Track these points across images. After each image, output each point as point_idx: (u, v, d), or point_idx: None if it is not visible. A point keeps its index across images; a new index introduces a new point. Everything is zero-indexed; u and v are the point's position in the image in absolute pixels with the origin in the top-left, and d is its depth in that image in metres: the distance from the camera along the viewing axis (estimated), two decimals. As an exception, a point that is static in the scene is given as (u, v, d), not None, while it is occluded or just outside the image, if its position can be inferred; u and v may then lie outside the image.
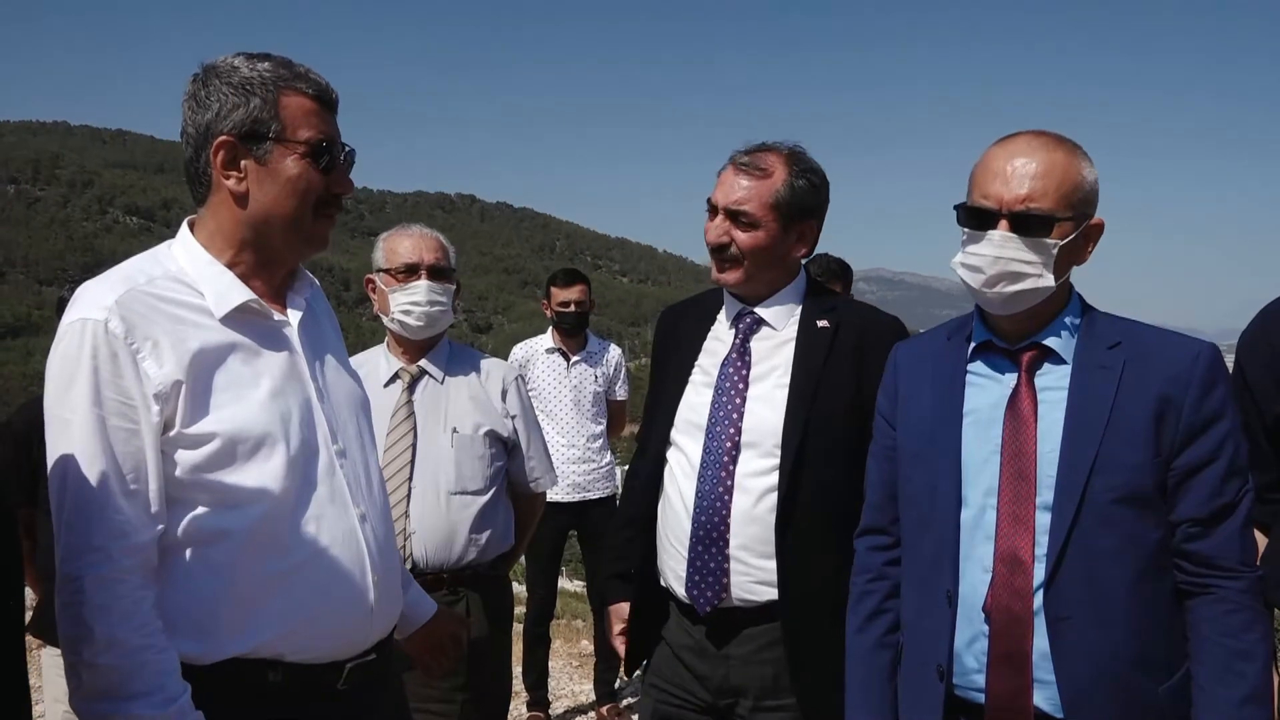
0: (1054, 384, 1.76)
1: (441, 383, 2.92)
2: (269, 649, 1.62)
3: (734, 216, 2.21)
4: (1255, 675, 1.66)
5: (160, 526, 1.57)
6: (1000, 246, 1.71)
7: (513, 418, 3.00)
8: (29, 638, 3.30)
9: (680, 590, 2.26)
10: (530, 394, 4.87)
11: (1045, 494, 1.71)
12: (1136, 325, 1.80)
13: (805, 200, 2.23)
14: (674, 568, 2.27)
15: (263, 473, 1.62)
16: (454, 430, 2.86)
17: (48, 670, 3.29)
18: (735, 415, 2.23)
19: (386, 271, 2.88)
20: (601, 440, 5.00)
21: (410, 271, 2.85)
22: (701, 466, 2.23)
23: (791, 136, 2.30)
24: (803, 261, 2.35)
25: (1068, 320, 1.79)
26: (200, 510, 1.59)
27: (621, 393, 5.15)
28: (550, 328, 5.04)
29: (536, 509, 3.23)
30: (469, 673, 2.81)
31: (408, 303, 2.83)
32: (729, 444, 2.21)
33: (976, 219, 1.74)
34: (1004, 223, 1.71)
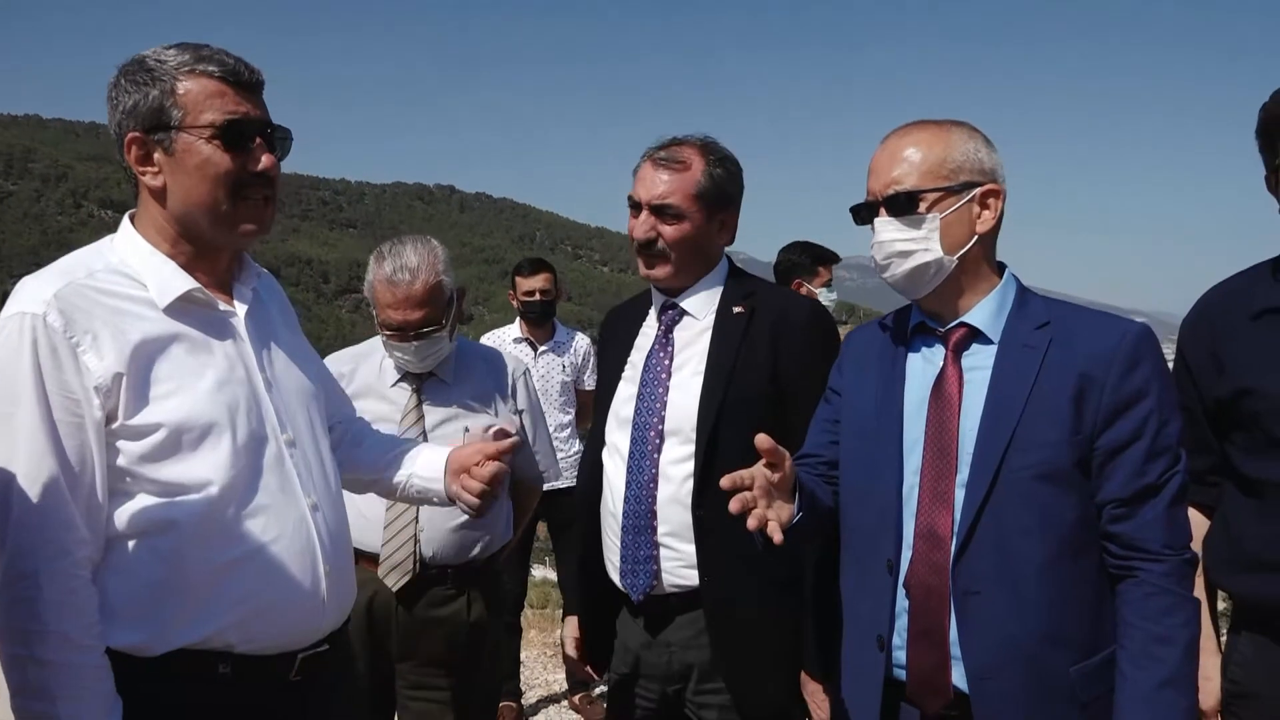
0: (980, 363, 1.78)
1: (449, 382, 2.89)
2: (219, 639, 1.63)
3: (659, 211, 2.23)
4: (1174, 660, 1.64)
5: (103, 520, 1.57)
6: (881, 231, 1.80)
7: (520, 413, 2.99)
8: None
9: (617, 579, 2.29)
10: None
11: (965, 471, 1.72)
12: (1069, 307, 1.81)
13: (725, 188, 2.27)
14: (611, 559, 2.32)
15: (209, 462, 1.62)
16: (465, 430, 2.83)
17: None
18: (659, 405, 2.26)
19: (376, 314, 2.75)
20: (570, 429, 5.01)
21: (398, 333, 2.72)
22: (630, 458, 2.26)
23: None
24: (724, 250, 2.37)
25: (997, 300, 1.81)
26: (146, 500, 1.59)
27: (590, 382, 5.12)
28: (517, 318, 5.04)
29: (535, 499, 3.26)
30: (466, 659, 2.86)
31: (401, 357, 2.79)
32: (653, 434, 2.24)
33: (862, 214, 1.85)
34: (882, 209, 1.80)
